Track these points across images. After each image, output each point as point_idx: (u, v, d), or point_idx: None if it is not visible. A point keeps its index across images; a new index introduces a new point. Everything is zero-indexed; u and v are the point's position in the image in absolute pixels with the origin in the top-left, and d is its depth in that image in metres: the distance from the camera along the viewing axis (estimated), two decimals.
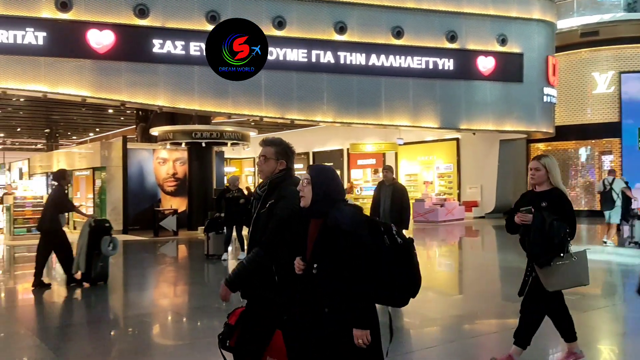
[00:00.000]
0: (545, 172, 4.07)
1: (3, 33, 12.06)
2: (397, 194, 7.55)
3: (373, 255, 2.55)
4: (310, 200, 2.68)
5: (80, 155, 18.58)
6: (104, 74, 12.91)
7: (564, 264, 3.88)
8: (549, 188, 4.09)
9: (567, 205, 4.04)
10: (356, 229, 2.55)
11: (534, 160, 4.21)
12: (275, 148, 3.21)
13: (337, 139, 24.49)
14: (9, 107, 21.57)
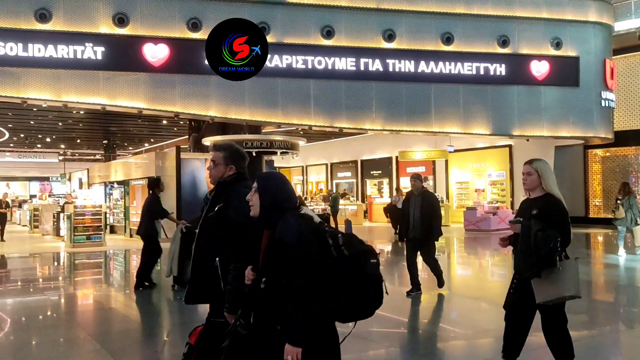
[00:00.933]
0: (538, 177, 3.84)
1: (64, 48, 12.63)
2: (426, 203, 7.33)
3: (319, 269, 2.38)
4: (259, 210, 2.55)
5: (136, 165, 19.19)
6: (159, 86, 13.32)
7: (553, 274, 3.59)
8: (541, 194, 3.84)
9: (559, 212, 3.73)
10: (300, 241, 2.39)
11: (526, 164, 3.98)
12: (224, 153, 3.13)
13: (385, 146, 24.37)
14: (69, 120, 22.54)
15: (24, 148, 33.81)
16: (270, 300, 2.45)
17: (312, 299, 2.36)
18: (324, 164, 29.27)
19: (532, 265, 3.60)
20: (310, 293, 2.36)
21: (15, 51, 12.30)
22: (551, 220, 3.66)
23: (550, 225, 3.63)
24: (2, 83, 12.29)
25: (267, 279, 2.46)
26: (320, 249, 2.42)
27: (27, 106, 14.06)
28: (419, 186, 7.61)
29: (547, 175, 3.87)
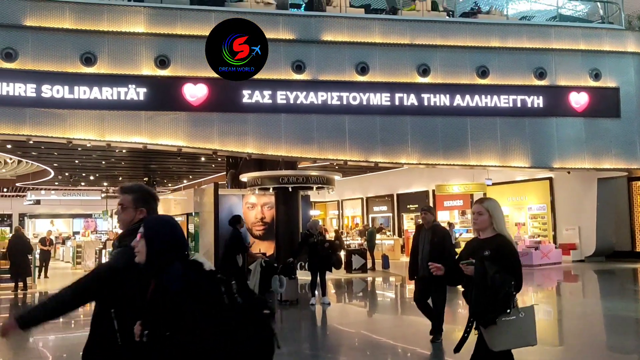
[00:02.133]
0: (489, 217, 3.68)
1: (108, 90, 13.13)
2: (437, 238, 6.70)
3: (203, 320, 2.22)
4: (145, 257, 2.39)
5: (175, 202, 19.55)
6: (198, 124, 13.65)
7: (508, 320, 3.43)
8: (492, 234, 3.69)
9: (511, 254, 3.60)
10: (186, 289, 2.23)
11: (476, 203, 3.82)
12: (133, 195, 2.93)
13: (422, 180, 24.19)
14: (112, 158, 23.21)
15: (68, 186, 34.87)
16: (154, 355, 2.29)
17: (197, 350, 2.20)
18: (359, 198, 29.20)
19: (490, 310, 3.44)
20: (194, 345, 2.21)
21: (62, 94, 12.84)
22: (504, 263, 3.52)
23: (502, 268, 3.47)
24: (49, 124, 12.81)
25: (149, 332, 2.31)
26: (210, 297, 2.27)
27: (72, 146, 14.58)
28: (430, 219, 7.07)
29: (498, 215, 3.73)
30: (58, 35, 12.93)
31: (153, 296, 2.34)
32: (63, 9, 13.03)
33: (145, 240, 2.41)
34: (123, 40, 13.31)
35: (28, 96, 12.65)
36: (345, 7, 15.23)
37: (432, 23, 15.18)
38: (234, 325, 2.27)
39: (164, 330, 2.27)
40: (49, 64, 12.84)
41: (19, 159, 22.70)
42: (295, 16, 14.88)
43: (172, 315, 2.25)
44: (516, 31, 15.57)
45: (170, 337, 2.26)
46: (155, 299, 2.32)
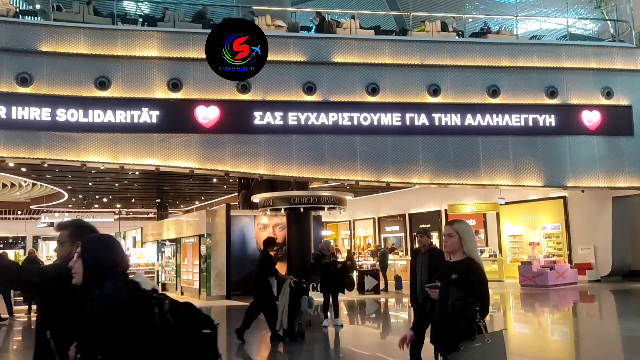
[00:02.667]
0: (459, 239, 3.59)
1: (122, 113, 13.29)
2: (435, 263, 6.29)
3: (133, 343, 2.15)
4: (81, 278, 2.33)
5: (187, 224, 19.60)
6: (210, 146, 13.75)
7: (473, 347, 3.27)
8: (462, 258, 3.58)
9: (478, 278, 3.48)
10: (112, 310, 2.16)
11: (447, 225, 3.74)
12: (69, 230, 3.00)
13: (434, 200, 24.07)
14: (125, 181, 23.41)
15: (82, 209, 35.16)
16: None
17: None
18: (371, 218, 29.10)
19: (450, 337, 3.31)
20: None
21: (76, 117, 13.01)
22: (470, 287, 3.42)
23: (469, 293, 3.37)
24: (64, 148, 12.96)
25: (82, 356, 2.24)
26: (141, 319, 2.18)
27: (86, 169, 14.72)
28: (427, 243, 6.76)
29: (468, 238, 3.64)
30: (73, 59, 13.15)
31: (86, 318, 2.27)
32: (78, 34, 13.28)
33: (83, 261, 2.36)
34: (137, 64, 13.51)
35: (43, 120, 12.84)
36: (355, 29, 15.37)
37: (442, 43, 15.26)
38: (166, 348, 2.18)
39: (95, 353, 2.20)
40: (63, 88, 13.04)
41: (33, 181, 22.97)
42: (305, 38, 15.03)
43: (101, 337, 2.18)
44: (526, 50, 15.59)
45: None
46: (88, 321, 2.25)
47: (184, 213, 34.56)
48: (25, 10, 17.64)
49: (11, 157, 13.07)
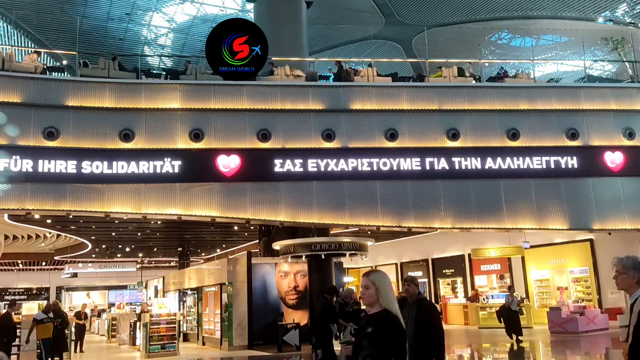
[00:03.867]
0: (375, 291, 3.46)
1: (145, 164, 13.53)
2: (423, 315, 5.83)
3: None
4: None
5: (209, 272, 19.56)
6: (231, 194, 13.86)
7: None
8: (379, 310, 3.45)
9: (393, 333, 3.33)
10: None
11: (363, 276, 3.60)
12: None
13: (457, 244, 23.74)
14: (147, 230, 23.60)
15: (105, 258, 35.39)
16: None
17: None
18: (393, 263, 28.73)
19: None
20: None
21: (101, 169, 13.28)
22: (383, 342, 3.30)
23: (382, 347, 3.23)
24: (89, 199, 13.18)
25: None
26: None
27: (109, 219, 14.90)
28: (414, 292, 6.10)
29: (385, 289, 3.51)
30: (98, 113, 13.53)
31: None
32: (103, 88, 13.71)
33: None
34: (159, 116, 13.84)
35: (69, 172, 13.12)
36: (373, 77, 15.62)
37: (459, 88, 15.40)
38: None
39: None
40: (89, 141, 13.37)
41: (58, 233, 23.27)
42: (324, 87, 15.30)
43: None
44: (545, 93, 15.62)
45: None
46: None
47: (206, 261, 34.55)
48: (53, 67, 18.33)
49: (37, 210, 13.31)
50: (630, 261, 3.69)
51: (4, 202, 12.79)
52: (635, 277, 3.68)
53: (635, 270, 3.70)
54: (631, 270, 3.71)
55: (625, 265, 3.65)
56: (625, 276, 3.62)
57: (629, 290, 3.70)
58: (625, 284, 3.62)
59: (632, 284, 3.63)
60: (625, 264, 3.64)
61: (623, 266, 3.64)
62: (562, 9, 24.38)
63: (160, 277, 25.57)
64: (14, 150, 12.87)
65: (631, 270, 3.71)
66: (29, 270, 39.22)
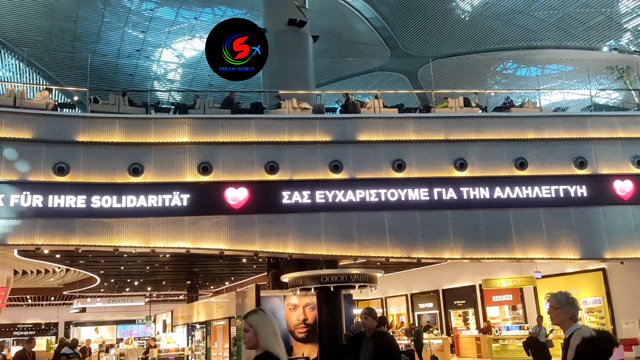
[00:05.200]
0: (254, 333, 3.42)
1: (153, 198, 13.59)
2: (381, 350, 5.46)
3: None
4: None
5: (217, 305, 19.43)
6: (239, 227, 13.85)
7: None
8: (260, 353, 3.40)
9: None
10: None
11: (242, 318, 3.53)
12: None
13: (467, 274, 23.50)
14: (156, 264, 23.57)
15: (113, 292, 35.27)
16: None
17: None
18: (403, 295, 28.42)
19: None
20: None
21: (110, 203, 13.35)
22: None
23: None
24: (98, 234, 13.22)
25: None
26: None
27: (118, 253, 14.91)
28: (372, 325, 5.69)
29: (263, 330, 3.47)
30: (108, 148, 13.68)
31: None
32: (113, 124, 13.89)
33: None
34: (168, 150, 13.96)
35: (78, 207, 13.19)
36: (379, 108, 15.75)
37: (465, 119, 15.46)
38: None
39: None
40: (99, 176, 13.48)
41: (67, 267, 23.27)
42: (331, 119, 15.42)
43: None
44: (551, 122, 15.65)
45: None
46: None
47: (214, 294, 34.35)
48: (64, 103, 18.64)
49: (46, 245, 13.34)
50: (564, 297, 3.81)
51: (14, 238, 12.84)
52: (569, 312, 3.79)
53: (569, 306, 3.81)
54: (565, 306, 3.81)
55: (559, 300, 3.76)
56: (559, 311, 3.74)
57: (564, 326, 3.79)
58: (560, 319, 3.73)
59: (566, 319, 3.73)
60: (560, 299, 3.75)
61: (557, 302, 3.75)
62: (566, 39, 24.63)
63: (169, 311, 25.41)
64: (25, 185, 13.00)
65: (565, 305, 3.81)
66: (37, 305, 39.10)
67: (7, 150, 13.06)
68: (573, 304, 3.86)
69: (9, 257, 17.74)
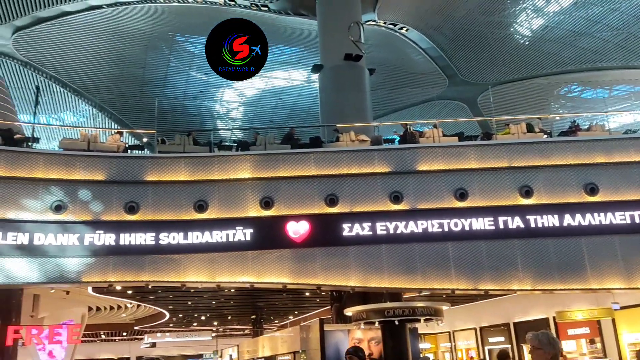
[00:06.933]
0: None
1: (218, 233, 13.92)
2: None
3: None
4: None
5: (282, 340, 19.45)
6: (301, 260, 13.92)
7: None
8: None
9: None
10: None
11: None
12: None
13: (539, 306, 22.42)
14: (221, 298, 23.97)
15: (181, 327, 36.00)
16: None
17: None
18: (472, 328, 27.42)
19: None
20: None
21: (177, 240, 13.78)
22: None
23: None
24: (166, 269, 13.64)
25: None
26: None
27: (185, 289, 15.29)
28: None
29: None
30: (175, 186, 14.20)
31: None
32: (179, 163, 14.44)
33: None
34: (231, 186, 14.33)
35: (147, 244, 13.69)
36: (439, 137, 15.60)
37: (529, 144, 15.05)
38: None
39: None
40: (166, 214, 13.98)
41: (138, 303, 24.05)
42: (389, 150, 15.39)
43: None
44: (622, 145, 14.97)
45: None
46: None
47: (279, 328, 34.40)
48: (134, 145, 19.58)
49: (119, 281, 13.88)
50: (545, 337, 3.80)
51: (88, 275, 13.44)
52: (550, 352, 3.77)
53: (550, 346, 3.79)
54: (546, 346, 3.79)
55: (541, 341, 3.74)
56: (541, 352, 3.73)
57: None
58: (541, 359, 3.72)
59: (547, 359, 3.71)
60: (541, 339, 3.74)
61: (539, 342, 3.73)
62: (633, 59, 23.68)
63: (235, 346, 25.63)
64: (98, 225, 13.64)
65: (546, 345, 3.79)
66: (110, 340, 40.43)
67: (82, 191, 13.79)
68: (554, 344, 3.85)
69: (83, 294, 18.54)
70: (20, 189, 13.46)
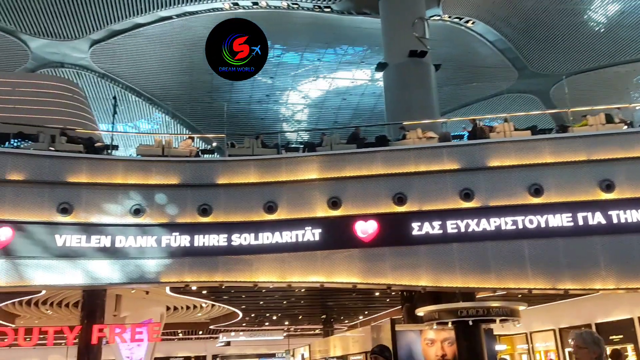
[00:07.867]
0: None
1: (287, 234, 14.10)
2: None
3: None
4: None
5: (353, 340, 19.44)
6: (370, 260, 13.86)
7: None
8: None
9: None
10: None
11: None
12: None
13: (623, 306, 21.22)
14: (292, 298, 24.25)
15: (254, 327, 36.74)
16: None
17: None
18: (551, 329, 26.32)
19: None
20: None
21: (249, 241, 14.06)
22: None
23: None
24: (238, 270, 13.96)
25: None
26: None
27: (257, 288, 15.58)
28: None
29: None
30: (245, 189, 14.51)
31: None
32: (248, 165, 14.75)
33: None
34: (299, 187, 14.48)
35: (220, 245, 14.06)
36: (510, 132, 15.10)
37: (609, 136, 14.28)
38: None
39: None
40: (237, 215, 14.30)
41: (212, 303, 24.75)
42: (458, 146, 15.05)
43: None
44: None
45: None
46: None
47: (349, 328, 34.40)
48: (205, 150, 20.21)
49: (194, 282, 14.34)
50: (590, 336, 3.66)
51: (166, 276, 13.96)
52: (596, 352, 3.64)
53: (595, 345, 3.65)
54: (591, 345, 3.65)
55: (585, 340, 3.61)
56: (585, 351, 3.60)
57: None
58: (586, 359, 3.59)
59: (592, 359, 3.58)
60: (586, 338, 3.61)
61: (583, 341, 3.60)
62: None
63: (307, 345, 25.86)
64: (174, 227, 14.14)
65: (591, 345, 3.65)
66: (187, 339, 41.85)
67: (158, 195, 14.35)
68: (599, 343, 3.72)
69: (162, 294, 19.30)
70: (102, 194, 14.17)
